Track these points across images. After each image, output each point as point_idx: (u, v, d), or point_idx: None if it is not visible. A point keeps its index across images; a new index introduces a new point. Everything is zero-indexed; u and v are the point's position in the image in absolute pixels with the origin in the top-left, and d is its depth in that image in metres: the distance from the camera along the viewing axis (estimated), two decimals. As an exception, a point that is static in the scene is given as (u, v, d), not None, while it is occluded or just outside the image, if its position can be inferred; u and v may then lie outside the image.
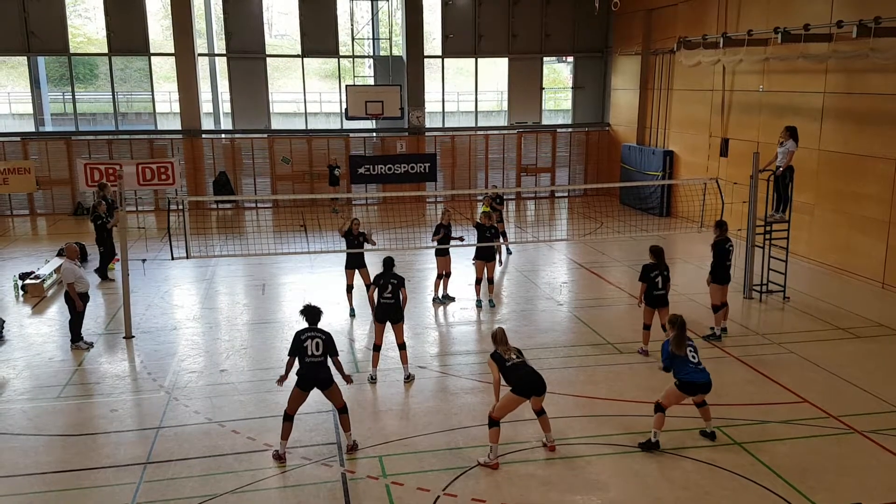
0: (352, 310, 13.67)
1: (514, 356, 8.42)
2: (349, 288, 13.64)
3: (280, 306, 14.52)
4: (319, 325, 8.69)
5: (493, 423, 8.29)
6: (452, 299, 14.48)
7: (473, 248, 14.43)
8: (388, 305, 10.56)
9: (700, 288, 15.29)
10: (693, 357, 8.58)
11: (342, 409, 8.65)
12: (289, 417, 8.52)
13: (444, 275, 14.37)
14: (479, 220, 14.35)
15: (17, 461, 8.53)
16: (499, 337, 8.60)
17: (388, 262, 10.82)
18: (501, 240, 16.47)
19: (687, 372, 8.51)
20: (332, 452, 8.62)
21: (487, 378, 10.72)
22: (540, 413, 8.53)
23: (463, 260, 15.53)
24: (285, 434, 8.52)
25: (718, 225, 12.70)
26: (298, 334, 8.57)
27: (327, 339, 8.55)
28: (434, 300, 14.45)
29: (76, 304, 11.85)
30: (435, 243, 14.06)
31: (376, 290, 10.66)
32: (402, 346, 10.72)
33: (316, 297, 14.54)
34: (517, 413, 9.45)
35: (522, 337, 12.46)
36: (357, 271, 13.52)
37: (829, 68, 16.24)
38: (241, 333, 12.92)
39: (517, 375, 8.27)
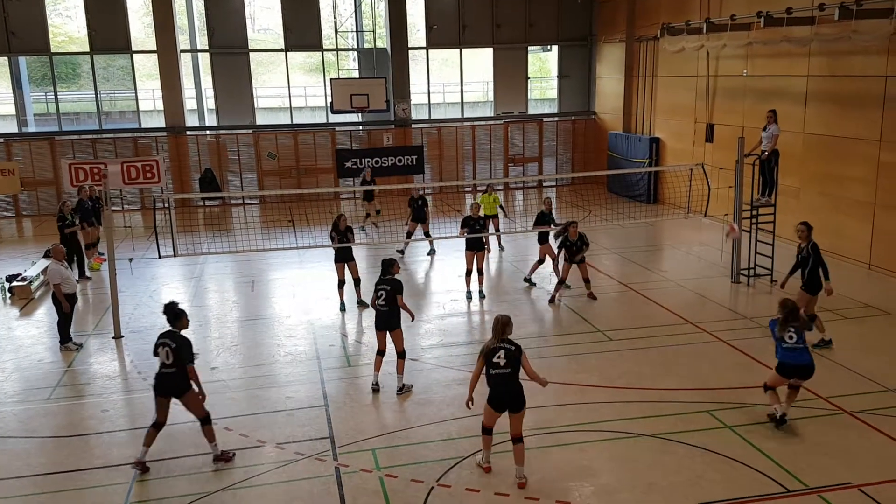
0: (342, 304, 13.65)
1: (502, 361, 7.61)
2: (340, 283, 13.63)
3: (270, 302, 14.48)
4: (183, 330, 8.30)
5: (485, 430, 7.92)
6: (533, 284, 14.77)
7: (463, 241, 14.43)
8: (382, 312, 10.00)
9: (688, 274, 15.39)
10: (791, 338, 8.61)
11: (203, 420, 8.23)
12: (157, 425, 8.23)
13: (542, 261, 14.79)
14: (469, 212, 14.40)
15: (9, 464, 8.49)
16: (496, 326, 7.82)
17: (384, 265, 10.25)
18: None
19: (781, 352, 8.65)
20: (325, 447, 8.63)
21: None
22: (516, 441, 7.72)
23: (453, 252, 15.55)
24: (147, 440, 8.17)
25: (808, 227, 11.56)
26: (159, 336, 8.25)
27: (178, 348, 8.02)
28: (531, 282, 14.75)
29: (63, 305, 11.77)
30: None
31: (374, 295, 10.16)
32: (399, 355, 10.08)
33: (306, 293, 14.59)
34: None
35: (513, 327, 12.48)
36: (346, 265, 13.52)
37: (812, 51, 16.30)
38: (231, 331, 12.88)
39: (495, 386, 7.65)
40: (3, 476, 8.24)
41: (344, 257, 13.54)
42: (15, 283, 14.87)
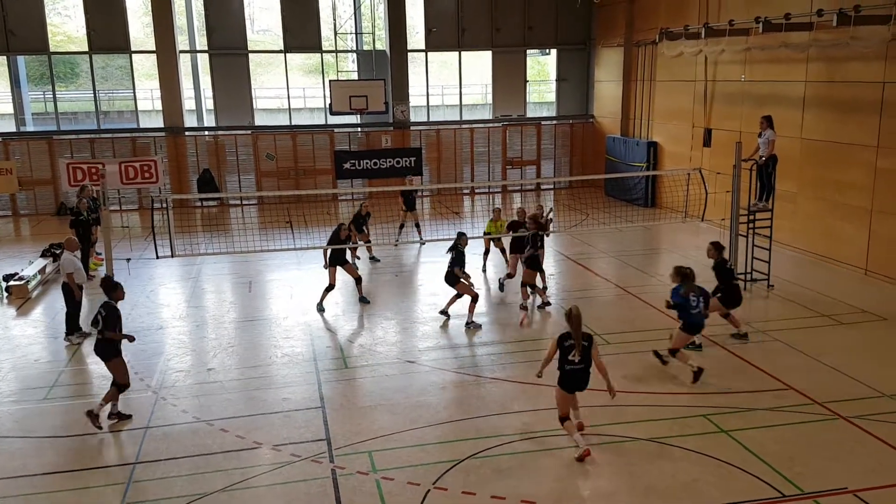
0: (321, 305, 13.68)
1: (577, 358, 8.23)
2: (331, 287, 13.66)
3: (267, 303, 14.47)
4: (119, 301, 9.40)
5: (563, 419, 8.46)
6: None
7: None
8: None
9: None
10: (694, 302, 10.12)
11: (119, 386, 9.27)
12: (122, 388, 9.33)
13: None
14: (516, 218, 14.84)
15: (5, 464, 8.47)
16: (575, 320, 8.32)
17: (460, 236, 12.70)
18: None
19: (691, 316, 10.17)
20: (321, 449, 8.62)
21: (475, 371, 10.78)
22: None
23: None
24: (106, 398, 9.25)
25: (716, 247, 12.01)
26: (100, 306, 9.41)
27: (106, 315, 9.10)
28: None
29: (75, 293, 11.90)
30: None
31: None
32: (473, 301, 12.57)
33: (303, 294, 14.58)
34: (505, 405, 9.54)
35: (511, 329, 12.51)
36: (341, 268, 13.67)
37: (811, 57, 16.34)
38: (227, 331, 12.87)
39: (568, 377, 8.33)
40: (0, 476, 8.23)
41: (339, 260, 13.60)
42: (12, 283, 14.84)
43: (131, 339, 9.41)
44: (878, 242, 14.92)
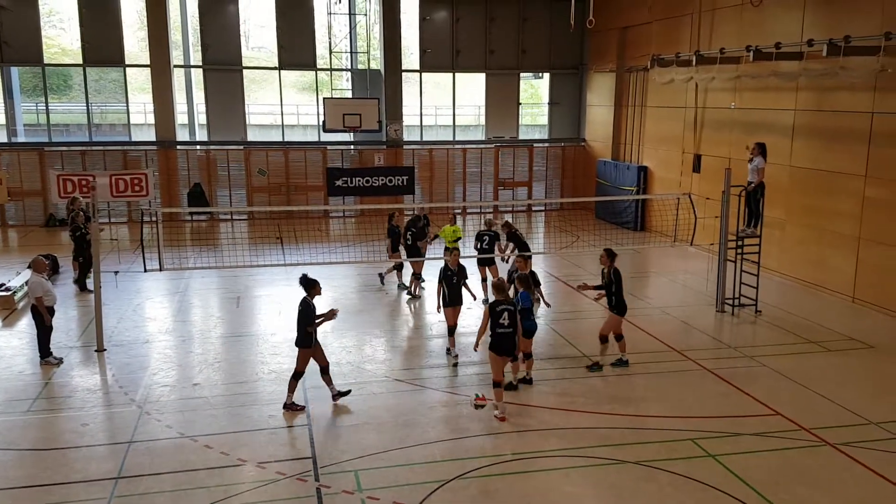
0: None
1: (506, 322, 9.58)
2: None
3: (254, 319, 14.40)
4: (307, 297, 10.03)
5: (497, 384, 9.76)
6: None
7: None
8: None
9: (673, 302, 15.47)
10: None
11: (322, 369, 10.23)
12: (295, 375, 10.14)
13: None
14: (481, 229, 15.25)
15: (-15, 477, 8.36)
16: (501, 289, 9.86)
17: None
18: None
19: (530, 320, 10.82)
20: (307, 467, 8.55)
21: (465, 391, 10.74)
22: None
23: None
24: (290, 387, 10.13)
25: (609, 254, 11.58)
26: None
27: (299, 312, 9.92)
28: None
29: (45, 318, 11.61)
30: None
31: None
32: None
33: (292, 310, 14.49)
34: (494, 426, 9.49)
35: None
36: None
37: (800, 86, 16.55)
38: (214, 347, 12.78)
39: (499, 340, 9.65)
40: (-21, 489, 8.11)
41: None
42: (-2, 293, 14.71)
43: (332, 315, 10.06)
44: (866, 270, 15.03)
